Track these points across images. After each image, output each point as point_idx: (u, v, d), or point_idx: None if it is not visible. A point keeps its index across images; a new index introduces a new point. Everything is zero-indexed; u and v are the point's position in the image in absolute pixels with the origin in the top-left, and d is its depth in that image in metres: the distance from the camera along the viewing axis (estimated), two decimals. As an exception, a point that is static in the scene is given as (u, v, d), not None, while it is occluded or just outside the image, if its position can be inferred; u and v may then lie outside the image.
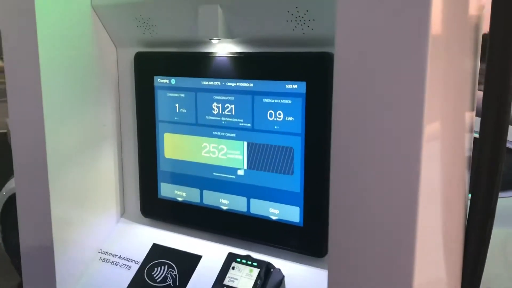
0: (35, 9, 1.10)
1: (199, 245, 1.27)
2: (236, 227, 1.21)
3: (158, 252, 1.29)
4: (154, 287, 1.22)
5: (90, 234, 1.32)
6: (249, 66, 1.12)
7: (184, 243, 1.29)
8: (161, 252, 1.29)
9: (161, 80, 1.26)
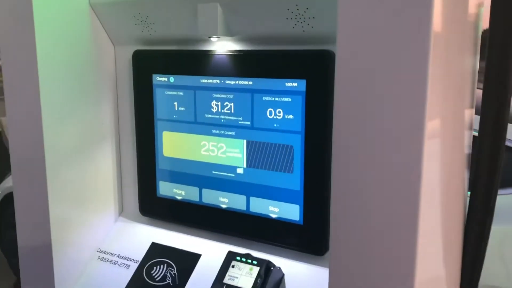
0: (32, 8, 1.09)
1: (198, 244, 1.26)
2: (235, 226, 1.21)
3: (157, 251, 1.28)
4: (153, 286, 1.22)
5: (88, 233, 1.32)
6: (249, 64, 1.12)
7: (183, 242, 1.28)
8: (160, 251, 1.28)
9: (159, 78, 1.25)
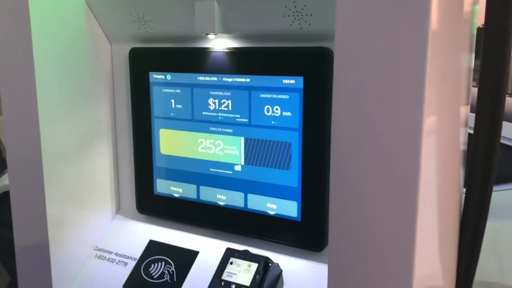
0: (28, 5, 1.08)
1: (196, 241, 1.27)
2: (233, 223, 1.21)
3: (155, 248, 1.28)
4: (151, 283, 1.22)
5: (85, 232, 1.31)
6: (246, 61, 1.12)
7: (181, 239, 1.28)
8: (157, 248, 1.28)
9: (156, 76, 1.25)
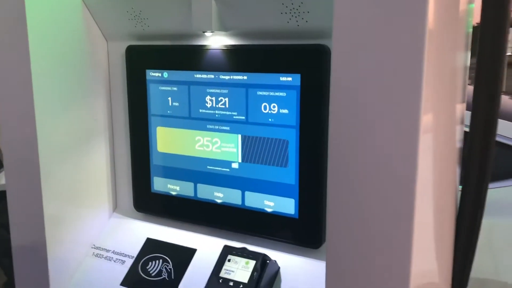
0: (25, 4, 1.08)
1: (193, 239, 1.27)
2: (231, 220, 1.21)
3: (152, 246, 1.28)
4: (149, 281, 1.22)
5: (82, 230, 1.31)
6: (243, 58, 1.12)
7: (178, 237, 1.29)
8: (155, 246, 1.28)
9: (153, 74, 1.25)
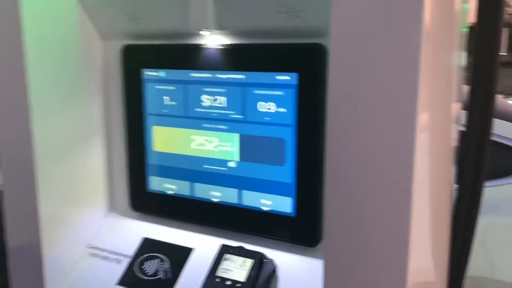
0: (20, 2, 1.07)
1: (190, 238, 1.26)
2: (227, 219, 1.21)
3: (149, 246, 1.28)
4: (145, 280, 1.21)
5: (78, 230, 1.31)
6: (240, 57, 1.12)
7: (175, 236, 1.28)
8: (151, 245, 1.28)
9: (149, 73, 1.24)
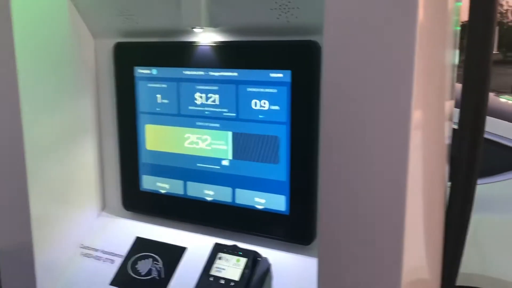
0: (10, 0, 1.06)
1: (183, 237, 1.26)
2: (221, 218, 1.21)
3: (142, 245, 1.27)
4: (139, 280, 1.21)
5: (70, 230, 1.29)
6: (233, 55, 1.12)
7: (168, 235, 1.27)
8: (144, 245, 1.27)
9: (141, 71, 1.23)
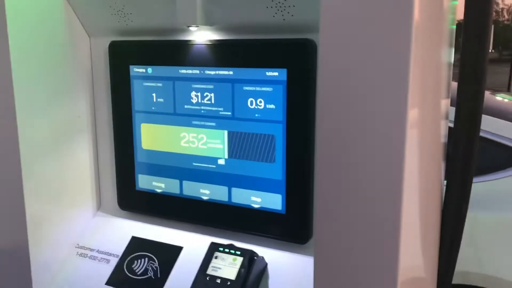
0: None
1: (179, 237, 1.25)
2: (217, 217, 1.20)
3: (138, 244, 1.27)
4: (135, 280, 1.20)
5: (66, 229, 1.29)
6: (229, 53, 1.11)
7: (164, 235, 1.27)
8: (140, 244, 1.26)
9: (137, 70, 1.23)
